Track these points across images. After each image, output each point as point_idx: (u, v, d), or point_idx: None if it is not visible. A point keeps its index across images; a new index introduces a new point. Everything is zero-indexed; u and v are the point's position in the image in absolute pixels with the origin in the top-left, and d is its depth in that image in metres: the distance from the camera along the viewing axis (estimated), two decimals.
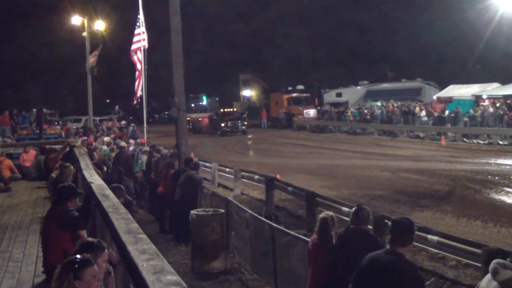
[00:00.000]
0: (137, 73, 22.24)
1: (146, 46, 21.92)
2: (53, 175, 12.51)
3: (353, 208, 6.93)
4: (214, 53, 77.32)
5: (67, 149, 15.54)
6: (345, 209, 11.52)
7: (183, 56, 15.75)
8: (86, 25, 34.90)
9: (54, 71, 68.56)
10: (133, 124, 39.21)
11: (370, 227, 9.72)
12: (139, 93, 22.26)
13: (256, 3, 77.90)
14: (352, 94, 58.41)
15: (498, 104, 36.25)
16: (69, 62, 57.47)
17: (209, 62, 77.24)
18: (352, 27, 72.45)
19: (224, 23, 77.59)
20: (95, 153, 17.48)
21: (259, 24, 76.49)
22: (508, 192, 17.45)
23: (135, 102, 23.43)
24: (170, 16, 15.31)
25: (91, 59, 33.53)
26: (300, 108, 55.63)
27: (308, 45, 74.46)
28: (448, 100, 42.03)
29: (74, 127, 41.22)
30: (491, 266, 5.33)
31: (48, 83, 67.84)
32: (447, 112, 38.75)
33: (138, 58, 22.01)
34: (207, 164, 21.29)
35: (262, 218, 10.45)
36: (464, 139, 34.48)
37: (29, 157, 18.97)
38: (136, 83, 22.32)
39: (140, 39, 21.86)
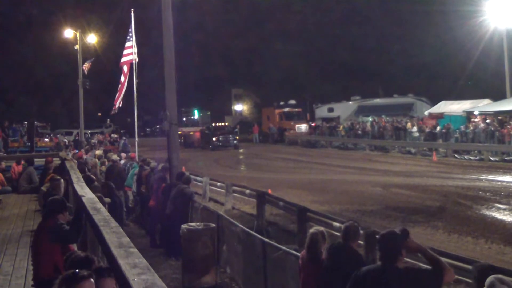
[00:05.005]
0: (119, 85, 22.73)
1: (137, 60, 22.29)
2: (44, 188, 12.47)
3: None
4: (207, 67, 77.50)
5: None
6: (336, 224, 11.47)
7: (176, 70, 15.81)
8: (78, 38, 34.92)
9: (48, 86, 68.54)
10: (124, 138, 39.13)
11: (361, 242, 9.72)
12: (117, 104, 23.23)
13: (250, 20, 78.26)
14: (344, 109, 58.66)
15: (489, 120, 36.43)
16: (64, 77, 57.51)
17: (201, 77, 77.36)
18: (345, 44, 72.87)
19: (218, 38, 77.86)
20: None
21: (253, 40, 76.83)
22: (499, 208, 17.48)
23: (112, 112, 24.38)
24: (163, 32, 15.41)
25: (85, 66, 33.40)
26: (292, 123, 55.82)
27: (301, 61, 74.77)
28: (440, 116, 42.14)
29: (65, 140, 41.20)
30: (489, 279, 5.30)
31: (42, 98, 67.79)
32: (438, 128, 38.90)
33: (124, 72, 22.39)
34: (199, 178, 21.20)
35: (254, 233, 10.41)
36: (456, 155, 34.62)
37: (19, 169, 18.88)
38: (117, 94, 22.98)
39: (131, 52, 22.15)
